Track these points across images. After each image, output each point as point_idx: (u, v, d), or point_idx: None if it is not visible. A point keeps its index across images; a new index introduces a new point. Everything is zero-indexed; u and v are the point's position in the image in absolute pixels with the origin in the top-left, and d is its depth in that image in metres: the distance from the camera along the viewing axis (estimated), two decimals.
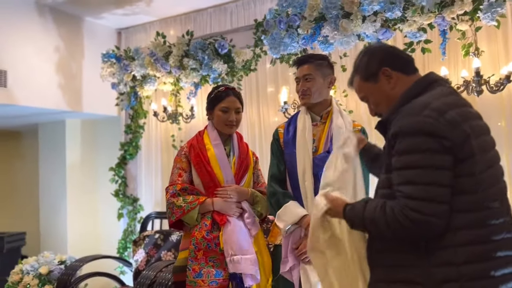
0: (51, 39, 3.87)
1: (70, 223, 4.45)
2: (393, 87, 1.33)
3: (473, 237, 1.13)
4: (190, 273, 1.95)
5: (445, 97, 1.22)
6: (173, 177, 2.07)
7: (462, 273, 1.11)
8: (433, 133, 1.13)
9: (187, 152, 2.10)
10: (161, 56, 3.45)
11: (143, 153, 4.17)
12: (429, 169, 1.12)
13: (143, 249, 3.35)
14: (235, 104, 2.09)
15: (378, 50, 1.41)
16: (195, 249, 1.97)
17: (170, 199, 2.00)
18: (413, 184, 1.13)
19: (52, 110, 3.92)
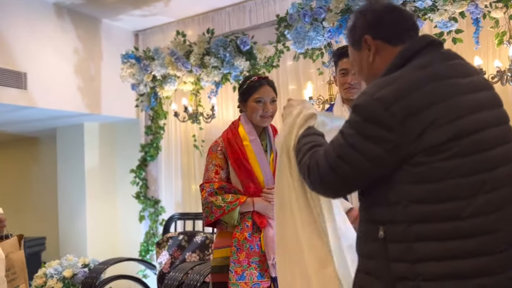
0: (69, 40, 3.85)
1: (90, 227, 4.42)
2: (373, 58, 1.17)
3: (431, 233, 1.01)
4: (232, 275, 1.88)
5: (406, 82, 1.05)
6: (209, 174, 1.98)
7: (417, 273, 1.00)
8: (373, 120, 1.03)
9: (223, 148, 2.00)
10: (181, 55, 3.41)
11: (163, 154, 4.12)
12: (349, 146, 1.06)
13: (167, 251, 3.29)
14: (270, 94, 1.99)
15: (366, 12, 1.20)
16: (237, 251, 1.90)
17: (208, 198, 1.91)
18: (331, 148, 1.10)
19: (71, 112, 3.90)
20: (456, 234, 1.00)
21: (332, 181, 1.10)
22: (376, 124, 1.03)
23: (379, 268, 1.07)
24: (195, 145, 3.82)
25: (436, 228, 1.01)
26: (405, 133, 1.01)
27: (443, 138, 1.01)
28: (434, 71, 1.07)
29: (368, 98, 1.06)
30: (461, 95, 1.06)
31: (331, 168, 1.09)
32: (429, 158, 1.01)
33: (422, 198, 1.02)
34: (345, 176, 1.08)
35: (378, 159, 1.04)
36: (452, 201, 1.01)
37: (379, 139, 1.03)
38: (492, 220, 1.01)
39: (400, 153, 1.03)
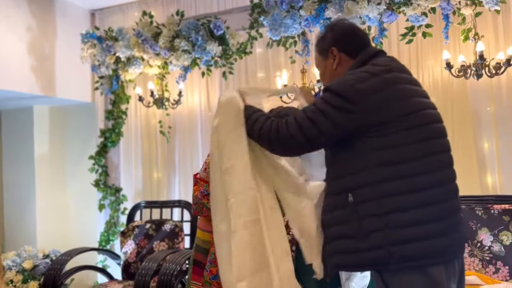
0: (22, 17, 3.55)
1: (40, 218, 4.16)
2: (336, 67, 1.47)
3: (394, 189, 1.25)
4: (207, 274, 1.90)
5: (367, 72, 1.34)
6: (205, 174, 1.91)
7: (385, 222, 1.24)
8: (341, 95, 1.30)
9: None
10: (149, 37, 3.27)
11: (124, 140, 3.95)
12: (320, 113, 1.32)
13: (132, 240, 3.19)
14: None
15: (336, 28, 1.52)
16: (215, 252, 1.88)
17: (200, 198, 1.88)
18: (303, 112, 1.36)
19: (23, 94, 3.61)
20: (414, 188, 1.26)
21: (299, 140, 1.33)
22: (342, 98, 1.30)
23: (351, 229, 1.29)
24: (161, 131, 3.70)
25: (398, 185, 1.26)
26: (364, 107, 1.28)
27: (398, 112, 1.28)
28: (387, 67, 1.37)
29: (339, 81, 1.36)
30: (408, 84, 1.36)
31: (301, 127, 1.32)
32: (388, 129, 1.28)
33: (385, 162, 1.27)
34: (311, 135, 1.32)
35: (340, 124, 1.30)
36: (409, 162, 1.27)
37: (343, 109, 1.29)
38: (439, 177, 1.30)
39: (358, 123, 1.29)
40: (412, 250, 1.23)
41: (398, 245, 1.23)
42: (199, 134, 3.81)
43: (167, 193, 3.87)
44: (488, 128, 2.87)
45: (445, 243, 1.26)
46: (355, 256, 1.29)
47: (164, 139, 3.80)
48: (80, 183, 4.26)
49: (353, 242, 1.28)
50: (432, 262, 1.25)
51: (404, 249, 1.23)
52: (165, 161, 3.89)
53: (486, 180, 2.85)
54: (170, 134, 3.79)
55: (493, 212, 2.31)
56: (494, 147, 2.87)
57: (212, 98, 3.75)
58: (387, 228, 1.24)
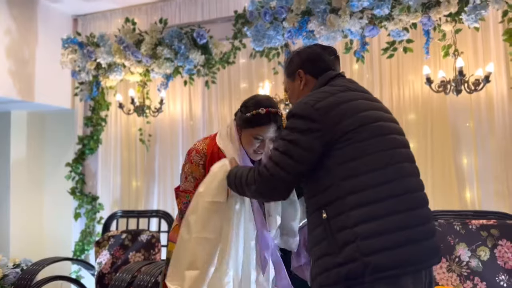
0: (1, 19, 3.48)
1: (14, 224, 4.04)
2: (303, 88, 1.54)
3: (360, 200, 1.28)
4: None
5: (324, 92, 1.42)
6: (187, 184, 1.82)
7: (356, 234, 1.25)
8: (304, 116, 1.35)
9: (206, 162, 1.81)
10: (131, 44, 3.23)
11: (102, 148, 3.87)
12: (289, 143, 1.36)
13: (107, 251, 3.10)
14: (272, 132, 1.72)
15: (302, 53, 1.60)
16: None
17: (184, 209, 1.74)
18: (275, 150, 1.40)
19: (1, 98, 3.52)
20: (377, 198, 1.28)
21: (280, 176, 1.36)
22: (305, 119, 1.35)
23: (328, 246, 1.31)
24: (141, 140, 3.64)
25: (363, 196, 1.28)
26: (326, 122, 1.33)
27: (355, 124, 1.33)
28: (343, 87, 1.45)
29: (299, 104, 1.41)
30: (363, 100, 1.43)
31: (277, 164, 1.36)
32: (348, 141, 1.32)
33: (348, 175, 1.30)
34: (290, 168, 1.35)
35: (311, 147, 1.34)
36: (369, 173, 1.30)
37: (309, 130, 1.34)
38: (403, 186, 1.32)
39: (325, 139, 1.33)
40: (384, 259, 1.24)
41: (371, 256, 1.24)
42: (180, 143, 3.76)
43: (146, 202, 3.80)
44: (467, 144, 2.90)
45: (412, 252, 1.27)
46: (334, 273, 1.28)
47: (144, 147, 3.74)
48: (57, 191, 4.16)
49: (331, 259, 1.29)
50: (401, 272, 1.25)
51: (377, 259, 1.24)
52: (145, 169, 3.83)
53: (465, 195, 2.87)
54: (150, 142, 3.73)
55: (471, 228, 2.32)
56: (473, 162, 2.90)
57: (195, 107, 3.71)
58: (358, 239, 1.25)
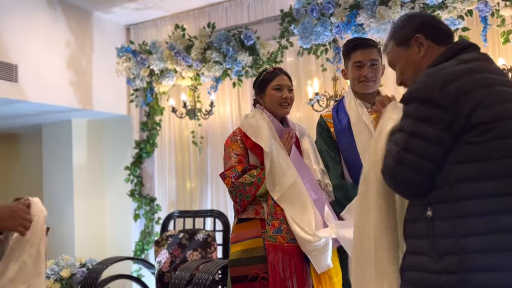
0: (61, 33, 3.71)
1: (78, 226, 4.28)
2: (423, 56, 1.32)
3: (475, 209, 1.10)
4: (269, 228, 1.86)
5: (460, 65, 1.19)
6: (230, 162, 1.96)
7: (461, 246, 1.10)
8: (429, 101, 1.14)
9: (243, 137, 1.99)
10: (182, 49, 3.33)
11: (158, 151, 4.02)
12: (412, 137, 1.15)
13: (166, 250, 3.21)
14: (286, 81, 2.04)
15: (416, 16, 1.40)
16: (274, 203, 1.88)
17: (236, 181, 1.88)
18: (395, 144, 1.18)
19: (62, 107, 3.75)
20: (496, 210, 1.08)
21: (404, 176, 1.16)
22: (431, 104, 1.14)
23: (428, 246, 1.15)
24: (194, 142, 3.75)
25: (478, 205, 1.10)
26: (456, 111, 1.11)
27: (488, 118, 1.11)
28: (476, 66, 1.20)
29: (421, 85, 1.18)
30: (500, 86, 1.18)
31: (398, 163, 1.15)
32: (475, 138, 1.11)
33: (466, 177, 1.11)
34: (413, 165, 1.14)
35: (438, 139, 1.13)
36: (494, 180, 1.09)
37: (434, 119, 1.13)
38: None
39: (454, 131, 1.12)
40: (486, 281, 1.08)
41: (473, 273, 1.08)
42: None
43: (200, 203, 3.90)
44: None
45: None
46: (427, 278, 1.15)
47: (197, 150, 3.84)
48: (116, 193, 4.37)
49: (427, 262, 1.15)
50: None
51: (478, 278, 1.08)
52: (198, 171, 3.93)
53: None
54: (202, 144, 3.83)
55: None
56: None
57: (243, 108, 3.76)
58: (462, 253, 1.09)
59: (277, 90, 2.00)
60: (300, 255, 1.85)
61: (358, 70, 2.00)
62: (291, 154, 1.94)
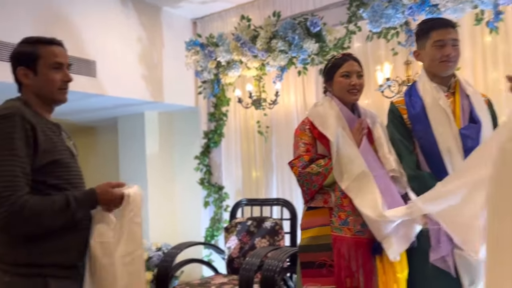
0: (133, 28, 3.89)
1: (151, 212, 4.51)
2: None
3: None
4: (335, 219, 1.85)
5: None
6: (298, 151, 1.98)
7: None
8: None
9: (310, 127, 1.99)
10: (248, 40, 3.37)
11: (224, 141, 4.12)
12: None
13: (235, 236, 3.29)
14: (355, 67, 1.98)
15: None
16: (341, 195, 1.86)
17: (303, 171, 1.90)
18: None
19: (136, 100, 3.95)
20: None
21: None
22: None
23: None
24: (259, 131, 3.79)
25: None
26: None
27: None
28: None
29: None
30: None
31: None
32: None
33: None
34: None
35: None
36: None
37: None
38: None
39: None
40: None
41: None
42: None
43: (266, 191, 3.95)
44: None
45: None
46: None
47: (262, 139, 3.88)
48: (186, 182, 4.55)
49: None
50: None
51: None
52: (263, 160, 3.98)
53: None
54: (267, 134, 3.86)
55: None
56: None
57: (308, 96, 3.73)
58: None
59: (345, 77, 1.96)
60: (367, 248, 1.82)
61: (439, 50, 1.87)
62: (361, 147, 1.89)
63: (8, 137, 1.37)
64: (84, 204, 1.49)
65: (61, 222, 1.43)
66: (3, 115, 1.41)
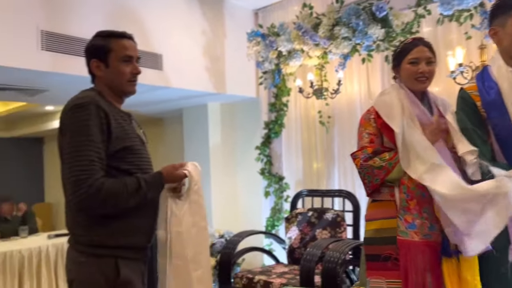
0: (197, 21, 3.99)
1: (214, 201, 4.63)
2: None
3: None
4: (401, 222, 1.78)
5: None
6: (362, 142, 1.91)
7: None
8: None
9: (375, 116, 1.91)
10: (309, 28, 3.31)
11: (285, 131, 4.12)
12: None
13: (296, 227, 3.29)
14: (424, 53, 1.84)
15: None
16: (407, 197, 1.79)
17: (364, 163, 1.83)
18: None
19: (200, 92, 4.06)
20: None
21: None
22: None
23: None
24: (321, 122, 3.73)
25: None
26: None
27: None
28: None
29: None
30: None
31: None
32: None
33: None
34: None
35: None
36: None
37: None
38: None
39: None
40: None
41: None
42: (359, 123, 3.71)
43: (327, 183, 3.89)
44: None
45: None
46: None
47: (323, 129, 3.82)
48: (247, 171, 4.61)
49: None
50: None
51: None
52: (324, 151, 3.92)
53: None
54: (329, 124, 3.79)
55: None
56: None
57: (373, 85, 3.60)
58: None
59: (412, 64, 1.84)
60: (435, 251, 1.73)
61: None
62: None
63: (85, 125, 1.46)
64: (153, 185, 1.57)
65: (134, 202, 1.51)
66: (79, 104, 1.50)
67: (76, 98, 1.54)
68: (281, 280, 2.79)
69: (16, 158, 8.16)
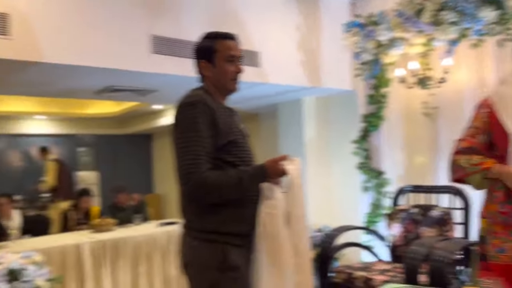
0: (292, 16, 4.01)
1: (309, 194, 4.62)
2: None
3: None
4: (489, 247, 1.69)
5: None
6: (465, 132, 1.80)
7: None
8: None
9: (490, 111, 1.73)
10: (412, 14, 3.14)
11: (385, 124, 3.96)
12: None
13: (399, 224, 3.16)
14: None
15: None
16: (491, 222, 1.69)
17: (452, 156, 1.77)
18: None
19: (295, 87, 4.09)
20: None
21: None
22: None
23: None
24: (425, 113, 3.53)
25: None
26: None
27: None
28: None
29: None
30: None
31: None
32: None
33: None
34: None
35: None
36: None
37: None
38: None
39: None
40: None
41: None
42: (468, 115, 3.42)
43: (432, 178, 3.66)
44: None
45: None
46: None
47: (427, 121, 3.60)
48: (342, 166, 4.53)
49: None
50: None
51: None
52: (429, 144, 3.69)
53: None
54: (434, 115, 3.56)
55: None
56: None
57: (485, 72, 3.30)
58: None
59: None
60: None
61: None
62: None
63: (194, 121, 1.58)
64: (256, 177, 1.64)
65: (237, 193, 1.61)
66: (189, 102, 1.63)
67: (187, 96, 1.67)
68: (383, 277, 2.71)
69: (129, 153, 9.02)
